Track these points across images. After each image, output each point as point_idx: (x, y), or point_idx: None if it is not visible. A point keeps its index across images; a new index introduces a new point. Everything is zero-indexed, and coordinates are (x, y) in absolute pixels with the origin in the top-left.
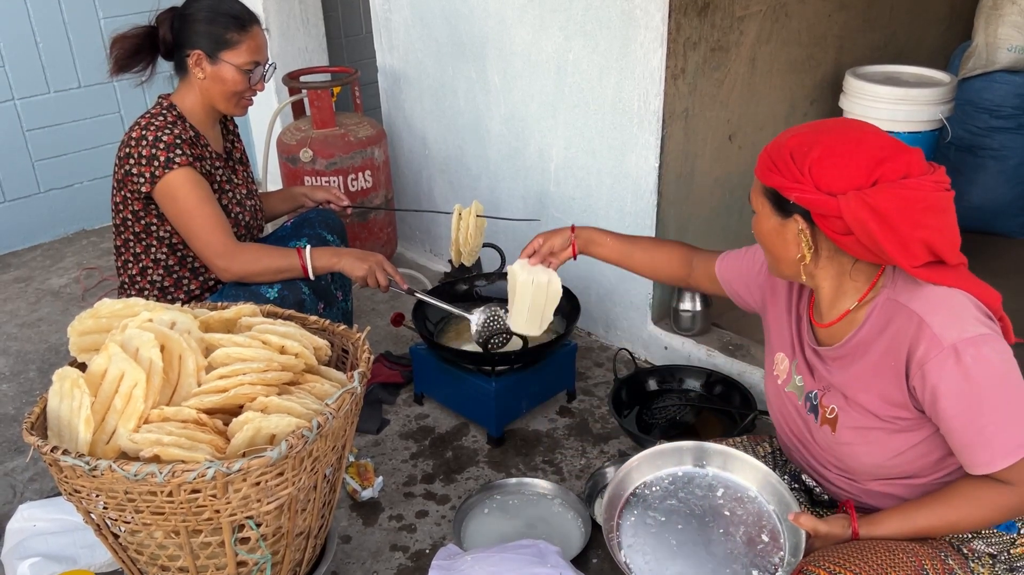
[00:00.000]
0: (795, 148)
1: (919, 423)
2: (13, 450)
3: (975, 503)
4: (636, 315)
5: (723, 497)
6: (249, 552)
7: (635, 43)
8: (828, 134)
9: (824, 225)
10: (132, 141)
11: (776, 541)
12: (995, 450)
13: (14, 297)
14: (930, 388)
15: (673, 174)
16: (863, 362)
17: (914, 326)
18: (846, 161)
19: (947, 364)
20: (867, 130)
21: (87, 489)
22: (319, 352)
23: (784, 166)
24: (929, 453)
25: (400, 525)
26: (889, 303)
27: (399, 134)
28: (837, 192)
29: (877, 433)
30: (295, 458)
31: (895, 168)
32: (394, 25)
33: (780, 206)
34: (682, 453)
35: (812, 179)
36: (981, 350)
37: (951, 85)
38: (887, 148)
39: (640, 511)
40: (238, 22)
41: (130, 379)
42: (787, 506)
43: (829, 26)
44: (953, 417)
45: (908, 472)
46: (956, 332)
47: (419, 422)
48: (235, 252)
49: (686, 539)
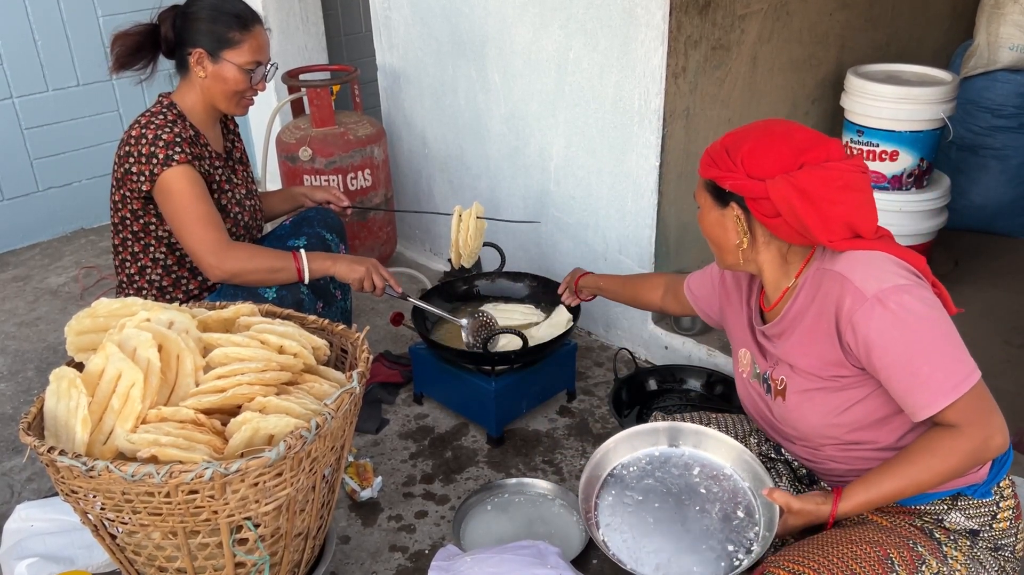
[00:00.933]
0: (730, 144)
1: (860, 380)
2: (10, 450)
3: (932, 453)
4: (636, 315)
5: (699, 475)
6: (247, 553)
7: (636, 42)
8: (759, 130)
9: (755, 209)
10: (132, 140)
11: (751, 517)
12: (933, 390)
13: (12, 296)
14: (862, 340)
15: (674, 173)
16: (800, 329)
17: (838, 285)
18: (774, 150)
19: (873, 313)
20: (794, 127)
21: (84, 489)
22: (318, 352)
23: (720, 159)
24: (875, 411)
25: (399, 525)
26: (819, 271)
27: (399, 133)
28: (766, 177)
29: (822, 394)
30: (294, 458)
31: (817, 155)
32: (394, 23)
33: (718, 196)
34: (657, 434)
35: (744, 168)
36: (903, 297)
37: (953, 84)
38: (810, 140)
39: (618, 491)
40: (240, 21)
41: (128, 379)
42: (761, 482)
43: (831, 25)
44: (888, 365)
45: (860, 437)
46: (876, 283)
47: (418, 422)
48: (227, 250)
49: (663, 517)
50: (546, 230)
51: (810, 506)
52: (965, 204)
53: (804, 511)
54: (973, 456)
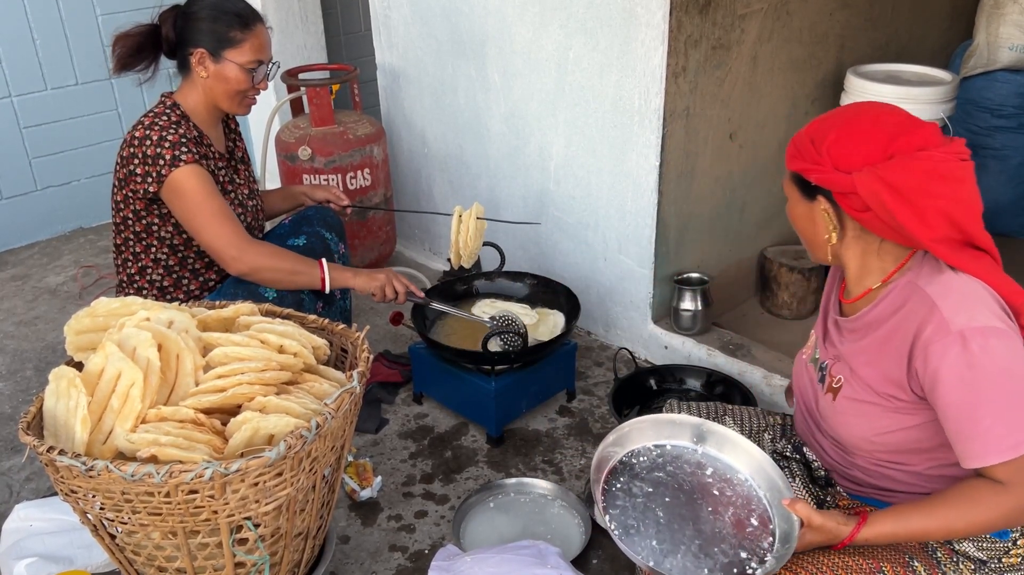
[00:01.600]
0: (815, 133)
1: (914, 407)
2: (9, 449)
3: (971, 504)
4: (636, 314)
5: (712, 476)
6: (247, 553)
7: (636, 41)
8: (846, 117)
9: (844, 203)
10: (136, 141)
11: (765, 527)
12: (989, 443)
13: (11, 295)
14: (931, 371)
15: (674, 173)
16: (872, 337)
17: (926, 308)
18: (861, 139)
19: (952, 349)
20: (885, 110)
21: (84, 489)
22: (318, 351)
23: (805, 150)
24: (918, 441)
25: (399, 525)
26: (909, 285)
27: (398, 132)
28: (852, 170)
29: (872, 408)
30: (294, 458)
31: (910, 142)
32: (393, 23)
33: (805, 189)
34: (682, 427)
35: (830, 160)
36: (989, 341)
37: (952, 84)
38: (902, 124)
39: (627, 479)
40: (242, 20)
41: (127, 378)
42: (779, 493)
43: (831, 25)
44: (951, 404)
45: (897, 458)
46: (965, 319)
47: (418, 422)
48: (248, 244)
49: (674, 513)
50: (546, 230)
51: (831, 524)
52: None
53: (825, 528)
54: (1013, 516)
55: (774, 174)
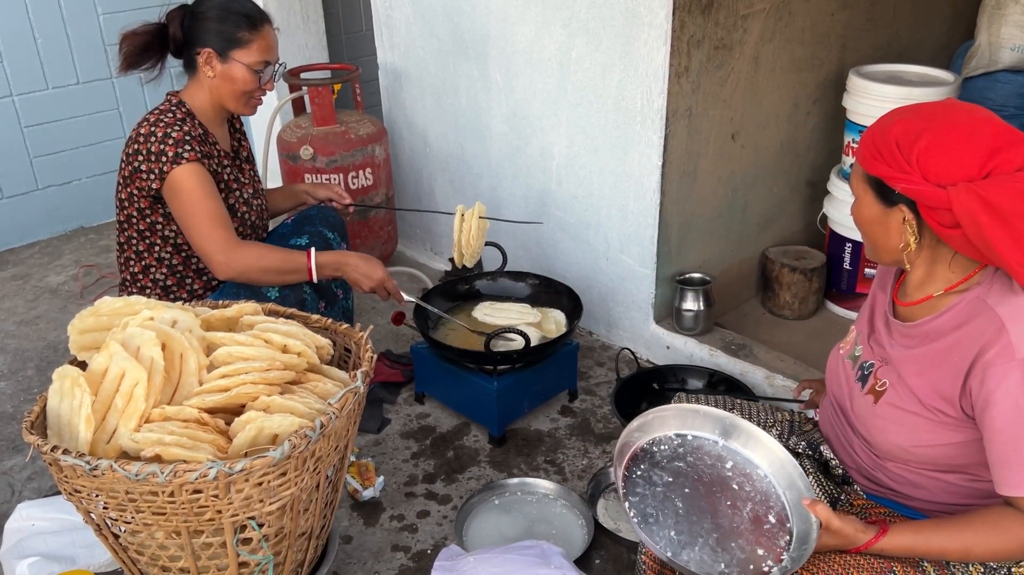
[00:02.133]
0: (901, 136)
1: (958, 425)
2: (11, 448)
3: (996, 532)
4: (638, 315)
5: (732, 470)
6: (251, 553)
7: (639, 41)
8: (937, 120)
9: (930, 217)
10: (140, 138)
11: (783, 525)
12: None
13: (12, 294)
14: (986, 392)
15: (676, 173)
16: (929, 348)
17: (994, 329)
18: (957, 151)
19: (1012, 375)
20: (979, 116)
21: (87, 489)
22: (321, 351)
23: (889, 155)
24: (956, 457)
25: (401, 525)
26: (977, 301)
27: (400, 132)
28: (947, 183)
29: (915, 419)
30: (298, 458)
31: (1010, 159)
32: (395, 22)
33: (884, 195)
34: (711, 420)
35: (920, 169)
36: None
37: (954, 84)
38: (1001, 137)
39: (647, 466)
40: (249, 21)
41: (131, 378)
42: (800, 493)
43: (832, 25)
44: (999, 429)
45: (929, 469)
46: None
47: (420, 421)
48: (236, 248)
49: (693, 505)
50: (548, 230)
51: (849, 530)
52: None
53: (843, 533)
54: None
55: (776, 174)
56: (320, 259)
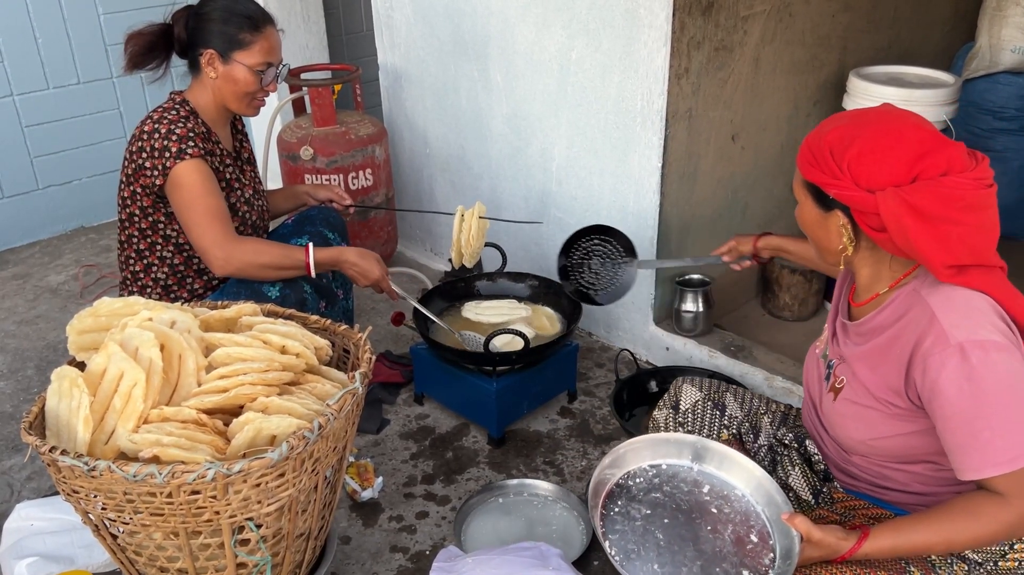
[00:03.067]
0: (835, 143)
1: (912, 415)
2: (10, 448)
3: (972, 518)
4: (638, 316)
5: (709, 494)
6: (249, 554)
7: (639, 42)
8: (868, 128)
9: (862, 220)
10: (144, 135)
11: (765, 542)
12: (986, 456)
13: (12, 294)
14: (930, 382)
15: (676, 174)
16: (875, 343)
17: (926, 319)
18: (885, 157)
19: (951, 362)
20: (908, 123)
21: (86, 489)
22: (320, 352)
23: (823, 162)
24: (915, 447)
25: (400, 526)
26: (912, 294)
27: (400, 132)
28: (876, 188)
29: (870, 413)
30: (296, 459)
31: (935, 163)
32: (396, 23)
33: (821, 200)
34: (682, 446)
35: (851, 175)
36: (989, 354)
37: (955, 86)
38: (927, 143)
39: (624, 502)
40: (252, 22)
41: (129, 379)
42: (777, 508)
43: (833, 27)
44: (949, 416)
45: (892, 461)
46: (966, 332)
47: (419, 422)
48: (234, 244)
49: (674, 535)
50: (548, 230)
51: (831, 539)
52: None
53: (824, 543)
54: (1013, 529)
55: (776, 176)
56: (318, 255)
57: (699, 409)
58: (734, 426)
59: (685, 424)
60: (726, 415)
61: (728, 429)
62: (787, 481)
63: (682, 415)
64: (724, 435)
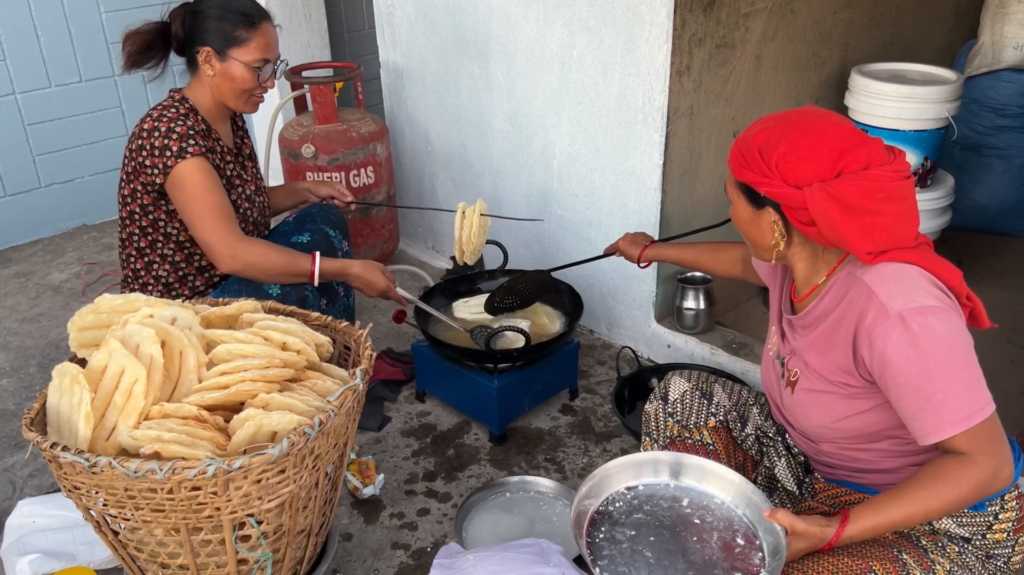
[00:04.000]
0: (763, 144)
1: (866, 392)
2: (12, 446)
3: (943, 480)
4: (639, 313)
5: (689, 506)
6: (250, 550)
7: (640, 39)
8: (793, 128)
9: (792, 216)
10: (144, 133)
11: (752, 543)
12: (943, 417)
13: (14, 292)
14: (878, 356)
15: (677, 171)
16: (820, 330)
17: (864, 297)
18: (810, 154)
19: (894, 332)
20: (830, 121)
21: (87, 486)
22: (321, 349)
23: (753, 162)
24: (875, 424)
25: (401, 523)
26: (848, 277)
27: (401, 130)
28: (803, 184)
29: (827, 397)
30: (296, 456)
31: (857, 158)
32: (397, 20)
33: (753, 198)
34: (659, 465)
35: (780, 173)
36: (928, 319)
37: (957, 83)
38: (849, 139)
39: (608, 527)
40: (247, 19)
41: (130, 375)
42: (758, 508)
43: (835, 24)
44: (900, 385)
45: (857, 441)
46: (903, 302)
47: (421, 419)
48: (240, 242)
49: (662, 551)
50: (549, 228)
51: (814, 528)
52: (969, 204)
53: (809, 533)
54: (984, 486)
55: None
56: (324, 266)
57: (687, 399)
58: (720, 414)
59: (674, 414)
60: (713, 403)
61: (715, 416)
62: (774, 471)
63: (671, 406)
64: (711, 423)
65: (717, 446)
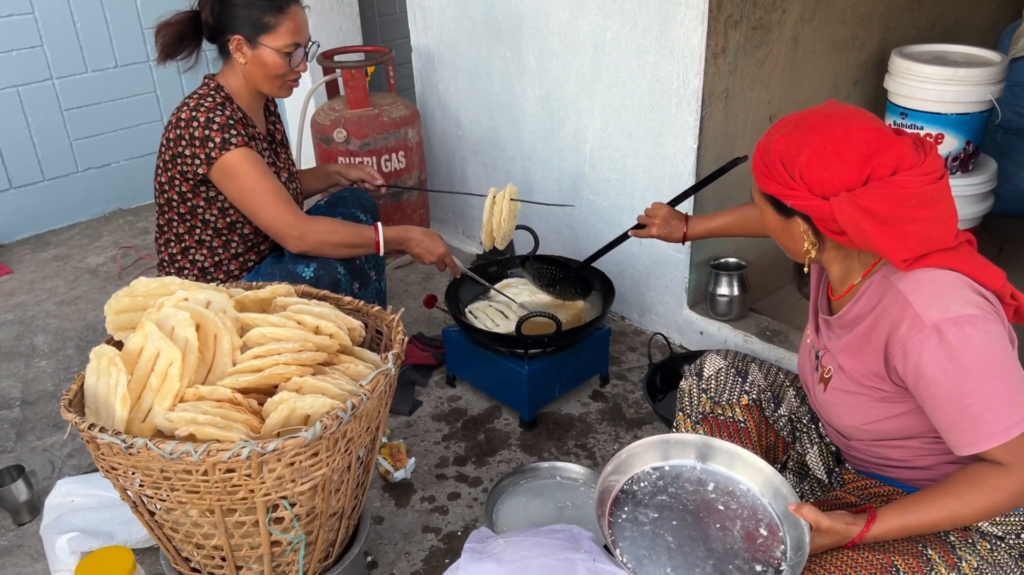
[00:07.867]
0: (783, 153)
1: (899, 396)
2: (52, 426)
3: (977, 488)
4: (671, 300)
5: (715, 491)
6: (283, 532)
7: (675, 21)
8: (814, 133)
9: (822, 226)
10: (182, 123)
11: (775, 535)
12: (980, 430)
13: (53, 275)
14: (912, 366)
15: (712, 156)
16: (855, 334)
17: (899, 306)
18: (835, 161)
19: (929, 343)
20: (854, 122)
21: (124, 466)
22: (353, 333)
23: (776, 173)
24: (908, 427)
25: (432, 507)
26: (883, 281)
27: (432, 115)
28: (831, 194)
29: (859, 398)
30: (329, 439)
31: (884, 163)
32: (428, 4)
33: (780, 209)
34: (687, 446)
35: (805, 184)
36: (965, 330)
37: (1001, 65)
38: (874, 142)
39: (631, 507)
40: (275, 4)
41: (166, 358)
42: (785, 500)
43: (874, 5)
44: (935, 397)
45: (889, 441)
46: (938, 312)
47: (451, 404)
48: (307, 223)
49: (683, 536)
50: (580, 213)
51: (840, 526)
52: (1011, 189)
53: (834, 530)
54: (1019, 496)
55: None
56: (387, 233)
57: (721, 376)
58: (754, 392)
59: (708, 390)
60: (747, 381)
61: (748, 395)
62: (805, 459)
63: (705, 381)
64: (744, 400)
65: (748, 424)
